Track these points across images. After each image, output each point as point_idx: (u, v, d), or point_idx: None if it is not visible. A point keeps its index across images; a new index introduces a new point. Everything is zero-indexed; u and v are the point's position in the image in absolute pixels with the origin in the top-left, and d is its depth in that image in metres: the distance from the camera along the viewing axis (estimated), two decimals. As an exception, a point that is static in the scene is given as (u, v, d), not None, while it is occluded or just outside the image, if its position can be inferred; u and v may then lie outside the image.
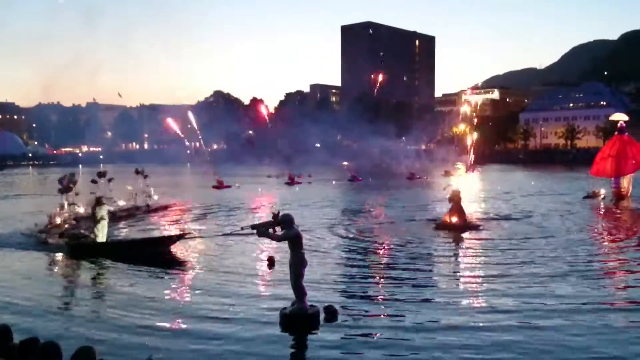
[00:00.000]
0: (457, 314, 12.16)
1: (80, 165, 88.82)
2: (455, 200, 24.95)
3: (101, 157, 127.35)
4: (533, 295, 13.39)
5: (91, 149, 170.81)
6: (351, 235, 23.71)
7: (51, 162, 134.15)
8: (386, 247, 20.92)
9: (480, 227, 24.97)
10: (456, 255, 19.81)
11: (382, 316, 12.11)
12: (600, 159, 40.40)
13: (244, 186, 50.43)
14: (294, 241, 11.28)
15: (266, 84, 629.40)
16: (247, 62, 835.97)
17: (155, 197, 29.82)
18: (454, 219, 24.71)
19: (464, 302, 13.22)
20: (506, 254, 18.93)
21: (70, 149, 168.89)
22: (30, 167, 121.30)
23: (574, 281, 14.84)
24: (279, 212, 11.57)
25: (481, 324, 11.33)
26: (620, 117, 41.63)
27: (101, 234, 19.96)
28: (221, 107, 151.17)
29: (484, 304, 12.85)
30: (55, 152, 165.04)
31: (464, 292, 14.40)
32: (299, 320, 11.22)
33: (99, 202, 20.24)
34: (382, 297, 13.74)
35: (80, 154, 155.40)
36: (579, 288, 14.14)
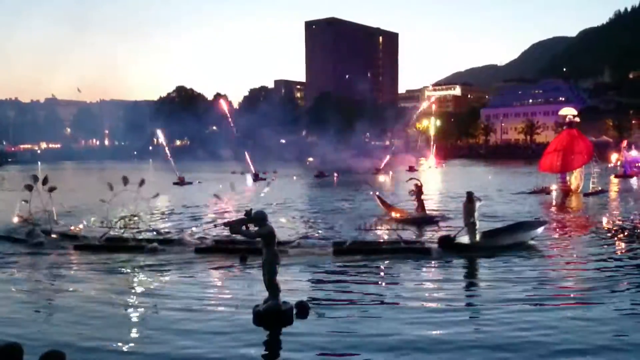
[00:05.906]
0: (427, 310, 12.36)
1: (39, 163, 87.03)
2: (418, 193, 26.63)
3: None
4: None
5: (50, 145, 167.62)
6: (320, 231, 23.71)
7: (9, 160, 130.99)
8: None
9: (438, 221, 25.67)
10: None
11: (354, 311, 12.23)
12: (546, 153, 40.52)
13: (206, 183, 49.80)
14: (268, 238, 11.28)
15: (230, 80, 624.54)
16: (210, 57, 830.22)
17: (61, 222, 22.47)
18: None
19: (433, 299, 13.43)
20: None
21: (29, 146, 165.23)
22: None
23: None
24: (251, 210, 11.51)
25: (455, 319, 11.57)
26: (569, 112, 42.22)
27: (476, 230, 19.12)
28: (183, 102, 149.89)
29: (455, 301, 13.13)
30: (13, 149, 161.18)
31: (433, 289, 14.56)
32: (273, 317, 11.23)
33: (470, 198, 19.16)
34: (354, 293, 13.80)
35: (39, 151, 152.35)
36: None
